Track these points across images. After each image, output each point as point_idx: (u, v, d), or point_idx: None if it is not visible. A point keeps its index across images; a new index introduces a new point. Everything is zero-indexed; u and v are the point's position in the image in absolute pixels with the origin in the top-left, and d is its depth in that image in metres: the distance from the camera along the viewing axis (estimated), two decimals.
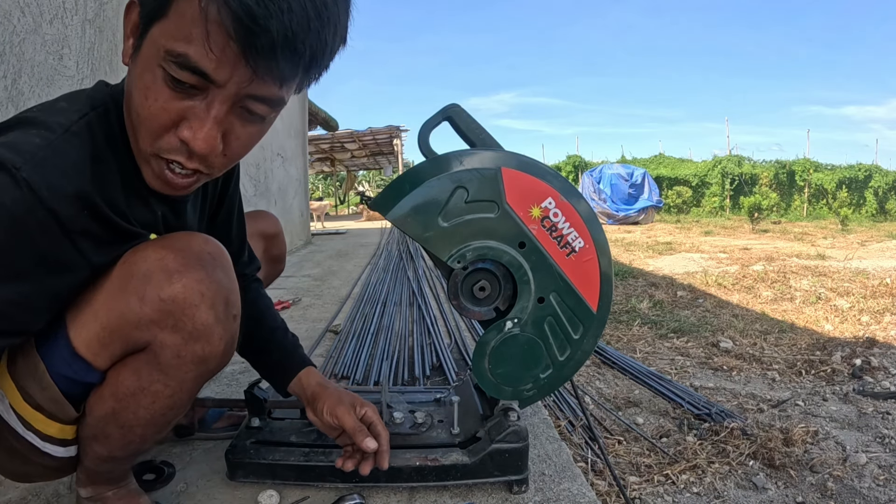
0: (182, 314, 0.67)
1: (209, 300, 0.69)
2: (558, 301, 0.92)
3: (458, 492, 1.00)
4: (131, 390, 0.71)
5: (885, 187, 16.56)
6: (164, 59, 0.57)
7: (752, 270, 4.91)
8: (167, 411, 0.74)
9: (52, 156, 0.59)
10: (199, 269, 0.69)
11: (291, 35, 0.54)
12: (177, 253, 0.68)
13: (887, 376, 2.30)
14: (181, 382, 0.72)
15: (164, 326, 0.67)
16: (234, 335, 0.76)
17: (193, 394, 0.77)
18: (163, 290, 0.66)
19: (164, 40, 0.56)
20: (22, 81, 1.45)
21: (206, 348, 0.70)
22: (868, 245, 7.61)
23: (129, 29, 0.61)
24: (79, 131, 0.63)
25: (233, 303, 0.74)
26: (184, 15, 0.55)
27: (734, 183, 16.51)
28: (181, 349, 0.69)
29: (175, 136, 0.61)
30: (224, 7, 0.53)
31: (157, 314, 0.67)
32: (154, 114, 0.60)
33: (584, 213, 0.90)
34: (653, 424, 1.83)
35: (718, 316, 3.42)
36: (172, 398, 0.73)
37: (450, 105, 0.91)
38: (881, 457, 1.59)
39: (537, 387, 0.97)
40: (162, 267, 0.67)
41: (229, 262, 0.75)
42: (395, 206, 0.87)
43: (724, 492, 1.41)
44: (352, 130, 12.85)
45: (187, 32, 0.55)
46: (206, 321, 0.69)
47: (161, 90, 0.59)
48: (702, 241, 8.44)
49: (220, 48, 0.55)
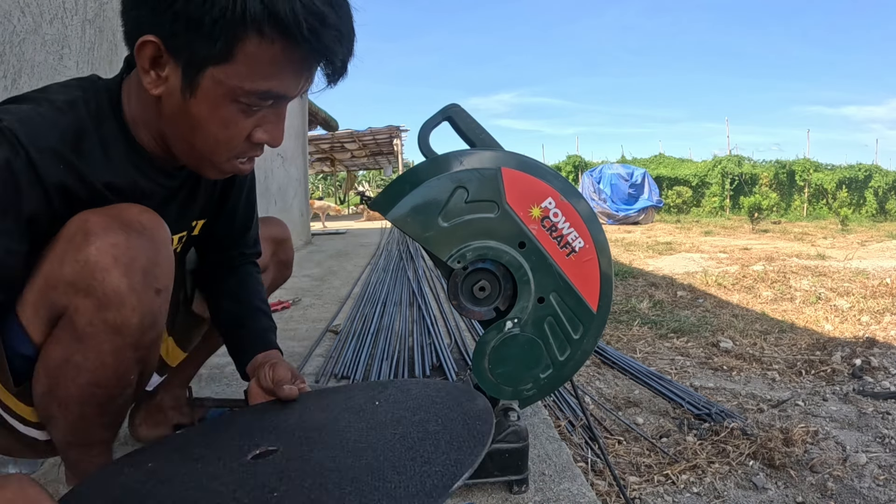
0: (92, 277, 0.65)
1: (123, 266, 0.66)
2: (558, 301, 0.92)
3: (458, 492, 1.00)
4: (57, 362, 0.69)
5: (885, 187, 16.57)
6: (242, 96, 0.65)
7: (752, 270, 4.91)
8: (95, 389, 0.71)
9: (37, 118, 0.64)
10: (118, 233, 0.66)
11: (343, 36, 0.65)
12: (102, 217, 0.67)
13: (887, 376, 2.30)
14: (98, 354, 0.69)
15: (77, 290, 0.65)
16: (155, 310, 0.72)
17: (120, 372, 0.72)
18: (79, 252, 0.65)
19: (238, 81, 0.64)
20: (22, 81, 1.45)
21: (117, 317, 0.67)
22: (868, 245, 7.61)
23: (147, 63, 0.65)
24: (63, 107, 0.67)
25: (155, 275, 0.70)
26: (257, 57, 0.62)
27: (734, 183, 16.51)
28: (93, 316, 0.67)
29: (249, 142, 0.71)
30: (300, 39, 0.61)
31: (73, 276, 0.65)
32: (233, 137, 0.69)
33: (584, 213, 0.90)
34: (653, 424, 1.83)
35: (718, 316, 3.42)
36: (95, 373, 0.70)
37: (450, 105, 0.91)
38: (881, 457, 1.59)
39: (537, 387, 0.97)
40: (83, 229, 0.66)
41: (164, 237, 0.72)
42: (395, 206, 0.87)
43: (724, 492, 1.41)
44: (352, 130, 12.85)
45: (266, 72, 0.64)
46: (118, 288, 0.66)
47: (238, 118, 0.68)
48: (702, 241, 8.44)
49: (302, 77, 0.67)
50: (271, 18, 0.59)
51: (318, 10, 0.61)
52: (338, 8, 0.63)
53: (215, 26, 0.59)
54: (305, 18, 0.60)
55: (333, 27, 0.62)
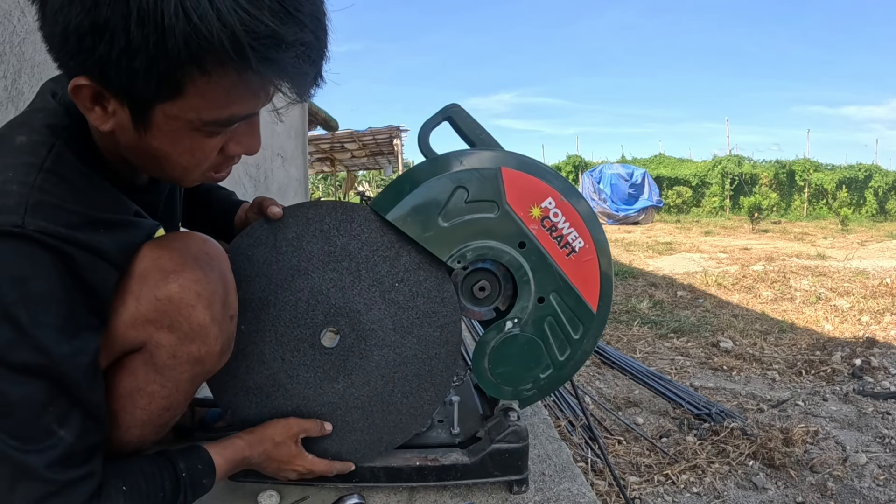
0: (178, 314, 0.67)
1: (205, 300, 0.69)
2: (558, 301, 0.92)
3: (458, 492, 1.00)
4: (128, 391, 0.70)
5: (885, 187, 16.55)
6: (202, 126, 0.58)
7: (752, 270, 4.91)
8: (163, 412, 0.74)
9: (42, 198, 0.57)
10: (195, 268, 0.69)
11: (310, 49, 0.55)
12: (173, 252, 0.69)
13: (887, 376, 2.30)
14: (177, 383, 0.72)
15: (160, 326, 0.67)
16: (231, 336, 0.76)
17: (190, 394, 0.77)
18: (159, 290, 0.66)
19: (193, 114, 0.56)
20: (22, 81, 1.45)
21: (202, 349, 0.71)
22: (868, 245, 7.61)
23: (88, 102, 0.56)
24: (52, 167, 0.60)
25: (229, 304, 0.74)
26: (209, 89, 0.54)
27: (734, 183, 16.51)
28: (177, 349, 0.69)
29: (223, 155, 0.65)
30: (259, 57, 0.51)
31: (153, 314, 0.67)
32: (202, 160, 0.63)
33: (584, 213, 0.90)
34: (653, 424, 1.83)
35: (718, 316, 3.41)
36: (169, 399, 0.73)
37: (450, 105, 0.91)
38: (881, 457, 1.59)
39: (537, 387, 0.97)
40: (158, 267, 0.67)
41: (227, 263, 0.76)
42: (395, 206, 0.87)
43: (724, 492, 1.42)
44: (352, 130, 12.84)
45: (223, 101, 0.56)
46: (202, 321, 0.69)
47: (203, 143, 0.61)
48: (702, 241, 8.44)
49: (266, 92, 0.58)
50: (209, 53, 0.50)
51: (268, 31, 0.50)
52: (298, 15, 0.52)
53: (150, 69, 0.50)
54: (251, 45, 0.49)
55: (292, 45, 0.52)
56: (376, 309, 0.90)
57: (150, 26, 0.47)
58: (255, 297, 0.87)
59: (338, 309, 0.89)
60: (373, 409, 0.93)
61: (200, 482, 0.77)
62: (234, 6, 0.48)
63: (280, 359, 0.89)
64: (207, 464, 0.79)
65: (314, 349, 0.90)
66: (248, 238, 0.88)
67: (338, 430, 0.93)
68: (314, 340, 0.90)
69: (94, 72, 0.52)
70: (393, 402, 0.93)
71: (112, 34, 0.48)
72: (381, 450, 0.95)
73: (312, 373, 0.91)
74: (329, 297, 0.89)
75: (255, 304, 0.87)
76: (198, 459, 0.78)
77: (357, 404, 0.92)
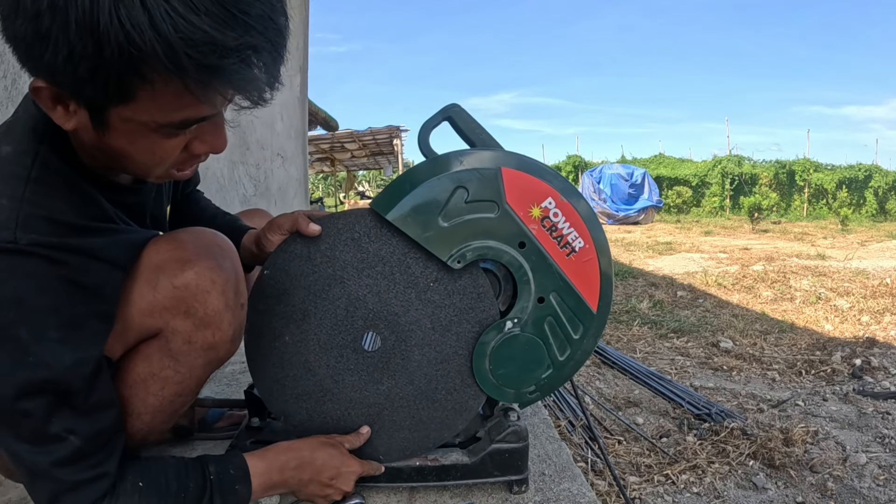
0: (194, 300, 0.70)
1: (220, 287, 0.72)
2: (558, 301, 0.92)
3: (458, 492, 1.00)
4: (142, 377, 0.73)
5: (885, 187, 16.55)
6: (158, 128, 0.56)
7: (752, 270, 4.91)
8: (175, 398, 0.76)
9: (32, 210, 0.58)
10: (209, 258, 0.72)
11: (259, 53, 0.52)
12: (188, 244, 0.72)
13: (887, 376, 2.30)
14: (191, 368, 0.74)
15: (176, 313, 0.70)
16: (242, 323, 0.79)
17: (202, 382, 0.79)
18: (176, 278, 0.70)
19: (147, 117, 0.55)
20: (22, 81, 1.45)
21: (216, 334, 0.73)
22: (868, 245, 7.61)
23: (50, 102, 0.55)
24: (40, 176, 0.60)
25: (241, 292, 0.77)
26: (159, 94, 0.52)
27: (734, 183, 16.50)
28: (192, 335, 0.72)
29: (188, 153, 0.63)
30: (197, 65, 0.48)
31: (170, 301, 0.70)
32: (165, 158, 0.62)
33: (584, 213, 0.90)
34: (653, 424, 1.83)
35: (718, 316, 3.42)
36: (181, 384, 0.75)
37: (450, 105, 0.91)
38: (881, 457, 1.59)
39: (538, 387, 0.97)
40: (175, 257, 0.70)
41: (237, 255, 0.79)
42: (396, 206, 0.87)
43: (724, 492, 1.42)
44: (352, 130, 12.84)
45: (176, 104, 0.53)
46: (217, 307, 0.72)
47: (164, 143, 0.59)
48: (702, 241, 8.44)
49: (215, 98, 0.54)
50: (146, 62, 0.48)
51: (206, 38, 0.47)
52: (243, 17, 0.49)
53: (94, 76, 0.49)
54: (187, 53, 0.47)
55: (235, 50, 0.49)
56: (413, 310, 0.92)
57: (87, 35, 0.46)
58: (296, 308, 0.90)
59: (376, 313, 0.91)
60: (419, 407, 0.95)
61: (232, 488, 0.77)
62: (169, 11, 0.46)
63: (325, 366, 0.92)
64: (240, 468, 0.79)
65: (357, 353, 0.92)
66: (284, 253, 0.90)
67: (386, 430, 0.95)
68: (356, 345, 0.92)
69: (47, 77, 0.52)
70: (437, 399, 0.95)
71: (55, 43, 0.48)
72: (428, 446, 0.97)
73: (357, 376, 0.93)
74: (366, 303, 0.91)
75: (297, 316, 0.90)
76: (230, 464, 0.79)
77: (403, 403, 0.95)
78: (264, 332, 0.90)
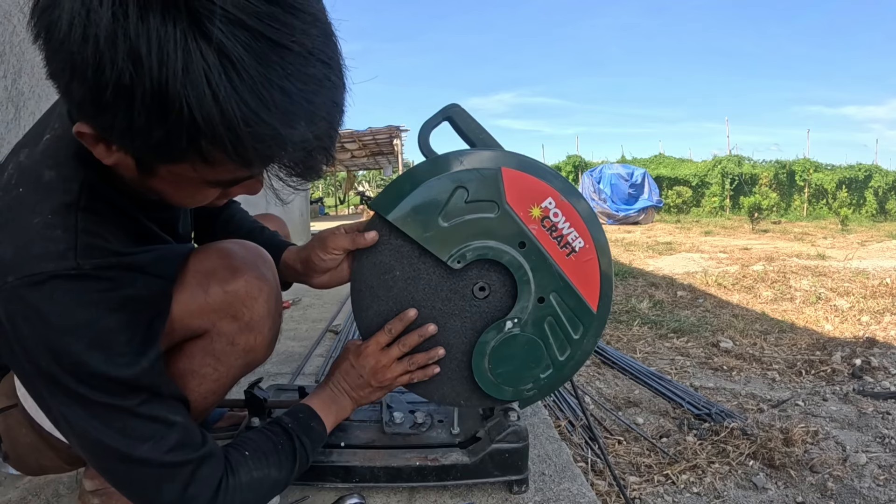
0: (242, 305, 0.77)
1: (266, 295, 0.79)
2: (558, 301, 0.92)
3: (458, 492, 1.00)
4: (181, 372, 0.77)
5: (885, 187, 16.56)
6: (205, 183, 0.57)
7: (752, 270, 4.91)
8: (209, 395, 0.80)
9: (87, 240, 0.60)
10: (257, 268, 0.80)
11: (321, 141, 0.52)
12: (237, 254, 0.80)
13: (887, 376, 2.30)
14: (229, 368, 0.80)
15: (224, 315, 0.76)
16: (278, 332, 0.86)
17: (233, 383, 0.84)
18: (227, 284, 0.76)
19: (198, 175, 0.54)
20: (22, 81, 1.45)
21: (257, 338, 0.80)
22: (868, 245, 7.61)
23: (91, 141, 0.53)
24: (89, 205, 0.62)
25: (280, 300, 0.84)
26: (217, 163, 0.50)
27: (734, 183, 16.50)
28: (236, 337, 0.78)
29: (223, 192, 0.63)
30: (261, 156, 0.49)
31: (220, 304, 0.76)
32: (203, 200, 0.63)
33: (584, 213, 0.90)
34: (653, 424, 1.83)
35: (718, 316, 3.42)
36: (217, 382, 0.80)
37: (450, 105, 0.91)
38: (881, 457, 1.59)
39: (537, 387, 0.97)
40: (225, 265, 0.77)
41: (275, 268, 0.86)
42: (396, 207, 0.87)
43: (724, 492, 1.42)
44: (352, 130, 12.83)
45: (224, 168, 0.52)
46: (262, 313, 0.79)
47: (207, 191, 0.60)
48: (702, 241, 8.44)
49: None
50: (210, 144, 0.47)
51: (273, 132, 0.47)
52: (311, 107, 0.48)
53: (154, 145, 0.48)
54: (255, 147, 0.47)
55: (299, 143, 0.49)
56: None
57: (153, 116, 0.45)
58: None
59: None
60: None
61: (309, 425, 0.86)
62: (240, 104, 0.44)
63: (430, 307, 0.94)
64: (304, 410, 0.89)
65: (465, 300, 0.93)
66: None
67: (446, 376, 0.96)
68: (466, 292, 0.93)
69: (96, 128, 0.51)
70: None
71: (113, 114, 0.46)
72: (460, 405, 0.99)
73: (461, 322, 0.94)
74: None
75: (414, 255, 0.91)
76: (296, 411, 0.88)
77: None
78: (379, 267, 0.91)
